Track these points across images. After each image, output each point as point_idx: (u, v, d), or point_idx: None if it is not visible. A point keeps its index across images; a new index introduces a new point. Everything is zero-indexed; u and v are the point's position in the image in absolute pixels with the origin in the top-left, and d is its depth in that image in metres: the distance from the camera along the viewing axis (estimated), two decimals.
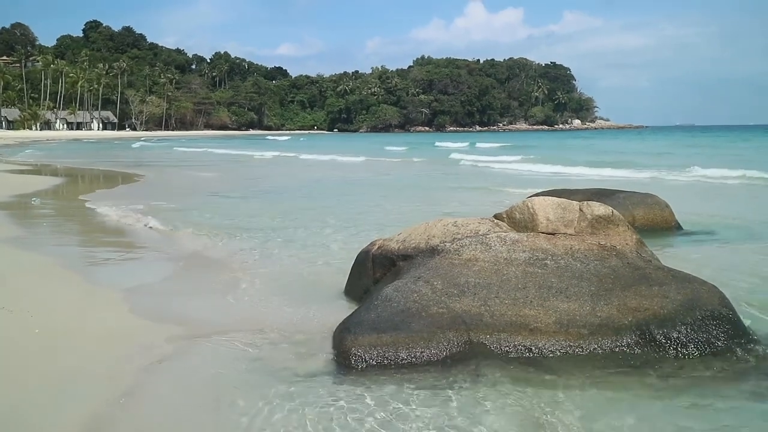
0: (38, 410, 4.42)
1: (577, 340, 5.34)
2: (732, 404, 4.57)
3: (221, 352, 5.47)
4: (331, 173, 28.40)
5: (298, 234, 11.15)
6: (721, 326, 5.42)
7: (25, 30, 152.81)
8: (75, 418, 4.30)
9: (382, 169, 31.63)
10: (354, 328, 5.37)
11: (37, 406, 4.47)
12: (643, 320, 5.45)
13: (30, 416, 4.34)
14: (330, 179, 24.74)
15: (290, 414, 4.36)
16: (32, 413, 4.38)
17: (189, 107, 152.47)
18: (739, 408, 4.52)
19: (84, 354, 5.43)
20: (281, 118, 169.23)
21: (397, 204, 15.80)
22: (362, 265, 6.98)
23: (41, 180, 24.42)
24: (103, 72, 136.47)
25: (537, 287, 5.70)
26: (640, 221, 11.06)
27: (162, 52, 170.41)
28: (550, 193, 11.46)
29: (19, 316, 6.30)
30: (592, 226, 6.50)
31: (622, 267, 5.97)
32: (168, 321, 6.31)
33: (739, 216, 13.09)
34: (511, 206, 6.88)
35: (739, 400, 4.64)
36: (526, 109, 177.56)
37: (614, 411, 4.44)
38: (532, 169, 30.37)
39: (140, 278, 8.08)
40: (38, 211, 14.82)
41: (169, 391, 4.77)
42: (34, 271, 8.30)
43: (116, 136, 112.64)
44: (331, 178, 25.26)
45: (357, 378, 4.93)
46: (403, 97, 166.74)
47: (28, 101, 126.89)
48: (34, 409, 4.44)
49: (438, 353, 5.16)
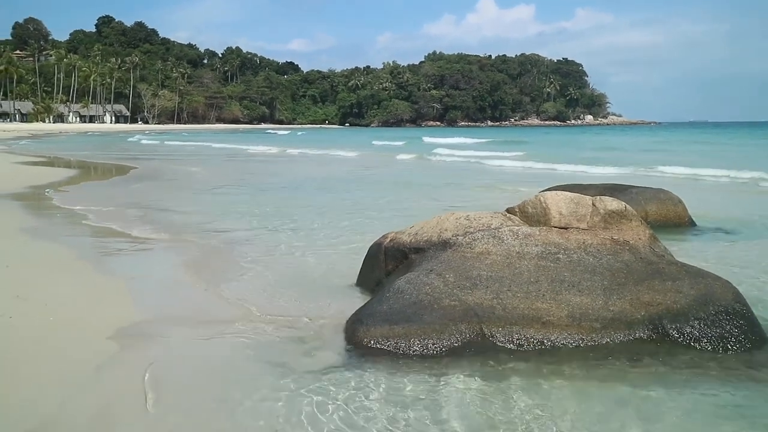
0: (51, 400, 4.46)
1: (590, 334, 5.34)
2: (745, 400, 4.55)
3: (231, 344, 5.48)
4: (308, 170, 28.04)
5: (289, 234, 11.18)
6: (734, 322, 5.39)
7: (39, 25, 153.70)
8: (85, 409, 4.34)
9: (368, 164, 31.66)
10: (366, 319, 5.39)
11: (49, 396, 4.52)
12: (656, 315, 5.43)
13: (43, 406, 4.39)
14: (301, 176, 24.02)
15: (302, 405, 4.37)
16: (45, 402, 4.42)
17: (201, 101, 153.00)
18: (752, 404, 4.50)
19: (93, 345, 5.48)
20: (293, 113, 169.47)
21: (373, 200, 15.76)
22: (374, 258, 6.99)
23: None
24: (115, 66, 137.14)
25: (549, 281, 5.69)
26: (653, 216, 11.02)
27: (174, 46, 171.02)
28: (562, 188, 11.42)
29: (33, 305, 6.37)
30: (605, 220, 6.48)
31: (635, 261, 5.95)
32: (177, 313, 6.35)
33: (748, 214, 13.00)
34: (524, 200, 6.87)
35: (752, 396, 4.62)
36: (538, 104, 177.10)
37: (626, 405, 4.43)
38: (496, 163, 31.21)
39: (147, 271, 8.13)
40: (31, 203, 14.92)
41: (179, 383, 4.79)
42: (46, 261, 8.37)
43: (122, 129, 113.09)
44: (303, 175, 24.57)
45: (369, 369, 4.94)
46: (414, 92, 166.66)
47: (41, 94, 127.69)
48: (46, 398, 4.48)
49: (450, 345, 5.17)
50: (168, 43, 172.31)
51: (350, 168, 29.07)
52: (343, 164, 32.46)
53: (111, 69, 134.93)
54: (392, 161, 35.07)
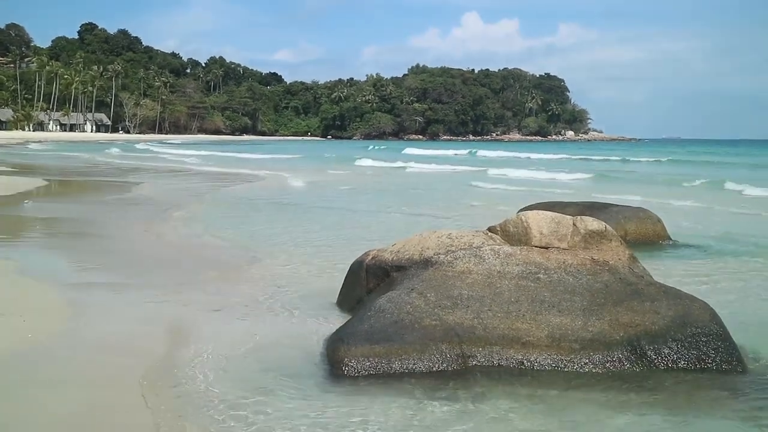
0: (36, 414, 4.41)
1: (569, 355, 5.37)
2: (722, 422, 4.60)
3: (211, 363, 5.45)
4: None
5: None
6: (711, 343, 5.46)
7: (20, 31, 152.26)
8: (66, 422, 4.30)
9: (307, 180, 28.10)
10: (347, 338, 5.38)
11: (32, 410, 4.46)
12: (635, 336, 5.48)
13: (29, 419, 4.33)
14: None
15: (280, 424, 4.35)
16: (30, 417, 4.37)
17: (183, 111, 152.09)
18: (730, 426, 4.55)
19: (77, 360, 5.42)
20: (275, 124, 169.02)
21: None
22: (356, 275, 6.99)
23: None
24: (97, 74, 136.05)
25: (530, 301, 5.72)
26: (633, 235, 11.12)
27: (157, 55, 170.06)
28: (542, 206, 11.51)
29: (10, 320, 6.29)
30: (585, 240, 6.54)
31: (614, 282, 6.00)
32: (156, 330, 6.29)
33: (728, 231, 13.16)
34: (505, 219, 6.92)
35: (730, 417, 4.67)
36: (520, 119, 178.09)
37: (604, 426, 4.46)
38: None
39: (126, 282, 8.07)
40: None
41: (158, 402, 4.74)
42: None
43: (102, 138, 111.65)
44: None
45: (349, 388, 4.94)
46: (397, 105, 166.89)
47: (22, 102, 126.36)
48: (32, 413, 4.43)
49: (430, 365, 5.18)
50: (151, 51, 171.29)
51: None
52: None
53: (93, 77, 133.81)
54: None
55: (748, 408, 4.79)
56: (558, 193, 20.49)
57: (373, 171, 36.92)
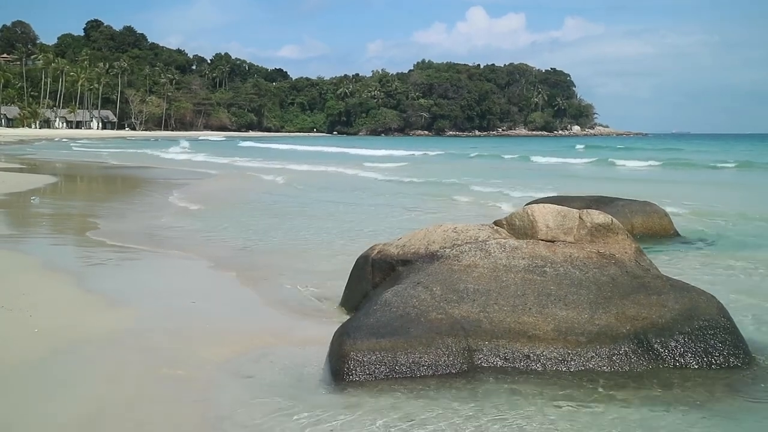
0: (37, 411, 4.42)
1: (575, 348, 5.35)
2: (729, 416, 4.58)
3: (214, 361, 5.43)
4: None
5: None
6: (719, 336, 5.43)
7: (26, 28, 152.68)
8: (73, 420, 4.31)
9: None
10: (353, 332, 5.37)
11: (35, 407, 4.48)
12: (641, 329, 5.46)
13: (28, 417, 4.35)
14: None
15: (285, 423, 4.34)
16: (31, 414, 4.38)
17: (189, 108, 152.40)
18: (736, 419, 4.53)
19: (81, 356, 5.44)
20: (281, 120, 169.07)
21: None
22: (361, 269, 6.99)
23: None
24: (103, 71, 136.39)
25: (536, 294, 5.71)
26: (639, 229, 11.10)
27: (162, 52, 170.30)
28: (548, 200, 11.48)
29: (18, 315, 6.31)
30: (592, 234, 6.51)
31: (621, 275, 5.98)
32: (158, 329, 6.27)
33: (734, 225, 13.11)
34: (512, 213, 6.90)
35: (737, 410, 4.65)
36: (526, 114, 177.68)
37: (609, 421, 4.45)
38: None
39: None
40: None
41: (161, 401, 4.72)
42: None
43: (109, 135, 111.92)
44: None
45: (354, 382, 4.93)
46: (402, 100, 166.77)
47: (28, 99, 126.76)
48: (32, 410, 4.44)
49: (436, 359, 5.17)
50: (157, 48, 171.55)
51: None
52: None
53: (99, 74, 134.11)
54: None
55: (755, 401, 4.77)
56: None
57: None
